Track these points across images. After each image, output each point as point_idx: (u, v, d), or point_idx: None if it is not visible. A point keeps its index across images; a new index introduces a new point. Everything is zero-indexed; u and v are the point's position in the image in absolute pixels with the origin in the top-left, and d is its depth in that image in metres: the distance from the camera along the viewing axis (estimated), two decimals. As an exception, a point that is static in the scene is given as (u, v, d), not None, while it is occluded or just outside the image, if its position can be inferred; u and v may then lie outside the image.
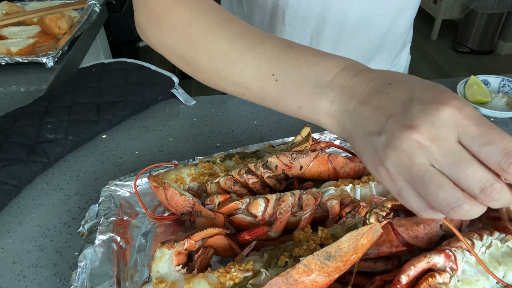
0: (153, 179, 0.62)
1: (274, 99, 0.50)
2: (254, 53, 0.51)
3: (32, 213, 0.71)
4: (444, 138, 0.36)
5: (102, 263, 0.56)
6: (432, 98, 0.37)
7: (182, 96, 0.99)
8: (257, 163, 0.62)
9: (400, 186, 0.39)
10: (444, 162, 0.36)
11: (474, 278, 0.48)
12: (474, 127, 0.36)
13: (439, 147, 0.36)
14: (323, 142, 0.67)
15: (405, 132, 0.37)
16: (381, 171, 0.40)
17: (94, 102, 0.91)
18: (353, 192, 0.60)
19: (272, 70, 0.49)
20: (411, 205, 0.39)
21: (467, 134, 0.36)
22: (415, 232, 0.52)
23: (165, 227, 0.64)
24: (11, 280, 0.60)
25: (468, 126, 0.36)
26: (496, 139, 0.35)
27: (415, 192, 0.38)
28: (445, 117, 0.36)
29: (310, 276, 0.44)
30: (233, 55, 0.52)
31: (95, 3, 1.45)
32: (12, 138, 0.82)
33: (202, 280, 0.47)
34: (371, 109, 0.41)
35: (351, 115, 0.43)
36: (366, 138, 0.41)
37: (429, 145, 0.36)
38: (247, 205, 0.58)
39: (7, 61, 1.15)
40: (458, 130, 0.36)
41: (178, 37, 0.56)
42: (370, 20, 0.85)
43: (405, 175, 0.38)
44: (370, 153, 0.41)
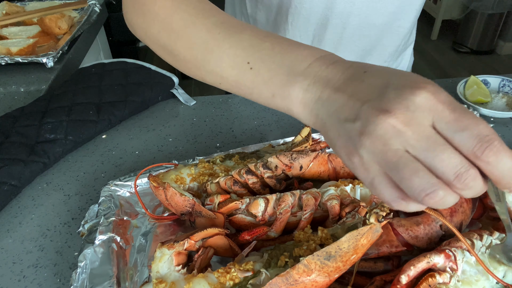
0: (153, 179, 0.62)
1: (248, 87, 0.50)
2: (231, 42, 0.51)
3: (32, 213, 0.71)
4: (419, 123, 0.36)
5: (102, 263, 0.56)
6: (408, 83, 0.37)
7: (182, 96, 0.99)
8: (257, 163, 0.62)
9: (373, 176, 0.38)
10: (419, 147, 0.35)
11: (474, 278, 0.48)
12: (448, 112, 0.35)
13: (414, 132, 0.35)
14: (323, 142, 0.67)
15: (380, 116, 0.36)
16: (354, 159, 0.39)
17: (94, 102, 0.91)
18: (353, 192, 0.60)
19: (248, 58, 0.49)
20: (383, 195, 0.38)
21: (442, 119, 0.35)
22: (415, 232, 0.52)
23: (165, 227, 0.64)
24: (11, 280, 0.60)
25: (443, 111, 0.35)
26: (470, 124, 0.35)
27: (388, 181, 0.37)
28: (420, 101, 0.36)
29: (310, 276, 0.44)
30: (211, 44, 0.52)
31: (95, 3, 1.45)
32: (12, 138, 0.82)
33: (202, 280, 0.47)
34: (346, 96, 0.40)
35: (325, 103, 0.42)
36: (340, 126, 0.40)
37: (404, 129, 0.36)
38: (247, 205, 0.58)
39: (7, 61, 1.15)
40: (433, 115, 0.36)
41: (160, 26, 0.57)
42: (372, 21, 0.85)
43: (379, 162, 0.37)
44: (344, 141, 0.39)
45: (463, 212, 0.54)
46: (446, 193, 0.35)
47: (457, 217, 0.53)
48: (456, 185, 0.35)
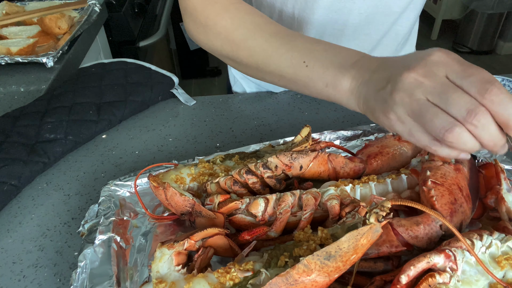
0: (153, 179, 0.62)
1: (304, 81, 0.61)
2: (287, 47, 0.62)
3: (32, 213, 0.71)
4: (435, 74, 0.45)
5: (102, 263, 0.56)
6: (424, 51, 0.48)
7: (182, 96, 0.99)
8: (257, 163, 0.62)
9: (409, 126, 0.47)
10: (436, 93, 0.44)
11: (474, 278, 0.48)
12: (458, 65, 0.45)
13: (431, 81, 0.45)
14: (323, 142, 0.67)
15: (404, 73, 0.46)
16: (391, 116, 0.48)
17: (94, 102, 0.91)
18: (353, 192, 0.60)
19: (303, 58, 0.60)
20: (421, 141, 0.47)
21: (453, 70, 0.44)
22: (415, 232, 0.52)
23: (165, 227, 0.64)
24: (11, 280, 0.60)
25: (453, 65, 0.45)
26: (475, 72, 0.43)
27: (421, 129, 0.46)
28: (435, 58, 0.46)
29: (310, 276, 0.44)
30: (269, 51, 0.63)
31: (95, 3, 1.45)
32: (12, 138, 0.82)
33: (202, 280, 0.47)
34: (380, 73, 0.51)
35: (366, 84, 0.53)
36: (377, 95, 0.50)
37: (423, 80, 0.45)
38: (247, 205, 0.58)
39: (7, 61, 1.15)
40: (446, 68, 0.45)
41: (223, 42, 0.68)
42: (372, 19, 0.85)
43: (409, 113, 0.46)
44: (380, 105, 0.50)
45: (463, 212, 0.54)
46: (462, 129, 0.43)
47: (457, 217, 0.53)
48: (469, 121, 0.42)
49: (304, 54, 0.60)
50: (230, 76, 1.13)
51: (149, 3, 2.14)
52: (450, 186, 0.55)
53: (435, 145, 0.46)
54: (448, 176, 0.56)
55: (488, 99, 0.41)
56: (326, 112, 0.92)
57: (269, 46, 0.63)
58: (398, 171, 0.64)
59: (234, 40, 0.66)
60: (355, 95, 0.55)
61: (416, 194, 0.59)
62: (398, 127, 0.48)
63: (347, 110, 0.92)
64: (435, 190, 0.54)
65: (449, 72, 0.44)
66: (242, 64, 0.69)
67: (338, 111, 0.92)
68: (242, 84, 1.09)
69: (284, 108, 0.94)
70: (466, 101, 0.42)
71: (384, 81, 0.49)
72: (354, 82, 0.54)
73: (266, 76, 0.67)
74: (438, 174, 0.56)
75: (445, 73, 0.44)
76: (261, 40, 0.64)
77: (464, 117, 0.42)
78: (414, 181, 0.61)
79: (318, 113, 0.92)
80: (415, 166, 0.63)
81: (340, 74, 0.56)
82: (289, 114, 0.92)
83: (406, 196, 0.59)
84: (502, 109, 0.41)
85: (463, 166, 0.60)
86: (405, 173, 0.62)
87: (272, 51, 0.63)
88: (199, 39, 0.73)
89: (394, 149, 0.66)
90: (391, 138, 0.68)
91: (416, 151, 0.67)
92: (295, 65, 0.60)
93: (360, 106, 0.54)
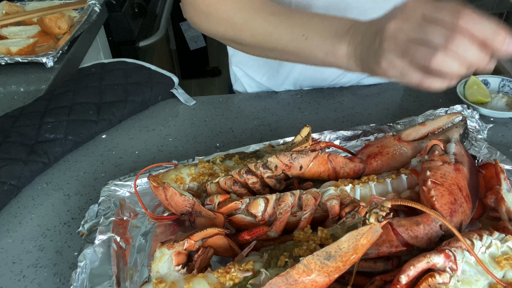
0: (153, 179, 0.62)
1: (305, 53, 0.66)
2: (286, 24, 0.67)
3: (32, 213, 0.71)
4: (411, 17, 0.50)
5: (102, 263, 0.56)
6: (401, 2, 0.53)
7: (182, 96, 0.99)
8: (257, 163, 0.62)
9: (400, 68, 0.52)
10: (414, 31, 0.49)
11: (474, 278, 0.48)
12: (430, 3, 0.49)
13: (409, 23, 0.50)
14: (323, 142, 0.67)
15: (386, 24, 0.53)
16: (383, 63, 0.54)
17: (94, 102, 0.91)
18: (352, 192, 0.60)
19: (302, 31, 0.65)
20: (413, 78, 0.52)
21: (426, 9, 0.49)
22: (414, 232, 0.52)
23: (165, 227, 0.64)
24: (11, 280, 0.60)
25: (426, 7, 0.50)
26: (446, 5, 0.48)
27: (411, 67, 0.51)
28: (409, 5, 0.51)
29: (310, 276, 0.44)
30: (270, 29, 0.68)
31: (95, 3, 1.45)
32: (12, 138, 0.82)
33: (202, 280, 0.47)
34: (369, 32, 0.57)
35: (360, 44, 0.59)
36: (369, 50, 0.56)
37: (403, 24, 0.51)
38: (247, 205, 0.58)
39: (7, 61, 1.15)
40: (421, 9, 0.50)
41: (226, 27, 0.73)
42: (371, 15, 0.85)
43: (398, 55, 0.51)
44: (373, 56, 0.55)
45: (463, 212, 0.54)
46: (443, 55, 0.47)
47: (457, 217, 0.53)
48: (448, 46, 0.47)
49: (303, 28, 0.65)
50: (231, 75, 1.13)
51: (149, 3, 2.14)
52: (450, 186, 0.55)
53: (427, 79, 0.51)
54: (448, 176, 0.56)
55: (462, 23, 0.45)
56: (326, 112, 0.92)
57: (269, 24, 0.68)
58: (398, 171, 0.64)
59: (236, 23, 0.71)
60: (352, 58, 0.60)
61: (416, 194, 0.59)
62: (391, 72, 0.54)
63: (347, 110, 0.92)
64: (435, 190, 0.54)
65: (424, 11, 0.49)
66: (245, 45, 0.73)
67: (338, 111, 0.92)
68: (243, 82, 1.09)
69: (284, 108, 0.94)
70: (442, 30, 0.47)
71: (373, 36, 0.56)
72: (350, 46, 0.60)
73: (270, 53, 0.72)
74: (438, 174, 0.56)
75: (421, 13, 0.49)
76: (261, 20, 0.69)
77: (443, 44, 0.47)
78: (414, 181, 0.61)
79: (318, 113, 0.92)
80: (415, 166, 0.63)
81: (337, 42, 0.61)
82: (289, 114, 0.92)
83: (406, 196, 0.59)
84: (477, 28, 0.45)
85: (463, 166, 0.60)
86: (405, 173, 0.62)
87: (272, 29, 0.67)
88: (202, 26, 0.77)
89: (394, 149, 0.66)
90: (391, 138, 0.68)
91: (416, 151, 0.67)
92: (296, 39, 0.65)
93: (359, 65, 0.60)
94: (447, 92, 0.96)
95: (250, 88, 1.09)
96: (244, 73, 1.07)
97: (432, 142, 0.63)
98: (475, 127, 0.77)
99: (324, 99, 0.96)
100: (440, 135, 0.69)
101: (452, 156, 0.61)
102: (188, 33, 3.06)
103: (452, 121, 0.71)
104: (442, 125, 0.71)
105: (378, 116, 0.90)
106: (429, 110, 0.80)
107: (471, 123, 0.77)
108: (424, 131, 0.70)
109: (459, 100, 0.88)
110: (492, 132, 0.81)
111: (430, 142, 0.64)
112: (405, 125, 0.78)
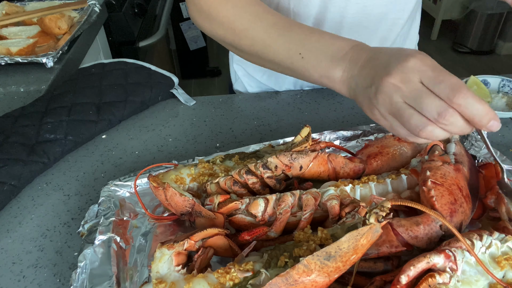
0: (153, 179, 0.62)
1: (300, 71, 0.66)
2: (284, 39, 0.67)
3: (32, 213, 0.71)
4: (410, 80, 0.50)
5: (102, 263, 0.56)
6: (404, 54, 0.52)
7: (182, 96, 0.99)
8: (257, 163, 0.62)
9: (390, 121, 0.54)
10: (411, 97, 0.50)
11: (474, 278, 0.48)
12: (431, 71, 0.50)
13: (407, 86, 0.50)
14: (323, 142, 0.67)
15: (383, 78, 0.52)
16: (375, 113, 0.55)
17: (94, 102, 0.91)
18: (353, 192, 0.60)
19: (299, 50, 0.65)
20: (401, 134, 0.54)
21: (426, 76, 0.50)
22: (414, 233, 0.52)
23: (165, 227, 0.64)
24: (10, 280, 0.60)
25: (427, 71, 0.50)
26: (445, 78, 0.49)
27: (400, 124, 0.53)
28: (411, 65, 0.51)
29: (310, 276, 0.44)
30: (268, 41, 0.68)
31: (95, 3, 1.45)
32: (12, 138, 0.82)
33: (202, 280, 0.47)
34: (366, 71, 0.56)
35: (355, 78, 0.58)
36: (364, 92, 0.56)
37: (400, 85, 0.51)
38: (247, 205, 0.58)
39: (7, 61, 1.14)
40: (420, 74, 0.50)
41: (225, 31, 0.73)
42: (369, 10, 0.86)
43: (390, 111, 0.53)
44: (367, 102, 0.56)
45: (463, 212, 0.54)
46: (434, 127, 0.50)
47: (457, 217, 0.53)
48: (440, 121, 0.49)
49: (300, 45, 0.65)
50: (232, 74, 1.13)
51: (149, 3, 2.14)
52: (450, 186, 0.55)
53: (413, 137, 0.53)
54: (448, 176, 0.56)
55: (455, 102, 0.48)
56: (326, 112, 0.92)
57: (268, 37, 0.68)
58: (398, 171, 0.64)
59: (236, 29, 0.71)
60: (346, 85, 0.61)
61: (416, 194, 0.59)
62: (381, 122, 0.56)
63: (347, 110, 0.92)
64: (435, 190, 0.54)
65: (423, 78, 0.50)
66: (244, 52, 0.74)
67: (338, 111, 0.92)
68: (243, 81, 1.09)
69: (284, 108, 0.94)
70: (437, 105, 0.48)
71: (369, 80, 0.55)
72: (345, 73, 0.60)
73: (266, 64, 0.73)
74: (438, 174, 0.56)
75: (420, 78, 0.50)
76: (261, 30, 0.69)
77: (436, 118, 0.49)
78: (414, 181, 0.61)
79: (318, 113, 0.92)
80: (415, 166, 0.63)
81: (332, 66, 0.61)
82: (289, 114, 0.92)
83: (406, 196, 0.59)
84: (467, 110, 0.48)
85: (463, 166, 0.60)
86: (405, 173, 0.62)
87: (270, 42, 0.68)
88: (204, 26, 0.77)
89: (394, 149, 0.66)
90: (391, 138, 0.68)
91: (416, 151, 0.67)
92: (292, 57, 0.66)
93: (352, 97, 0.61)
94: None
95: (250, 88, 1.09)
96: (244, 72, 1.07)
97: (432, 142, 0.63)
98: (475, 127, 0.77)
99: (324, 99, 0.96)
100: (440, 135, 0.69)
101: (452, 156, 0.61)
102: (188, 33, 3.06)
103: (452, 121, 0.71)
104: (442, 125, 0.71)
105: (378, 116, 0.90)
106: (429, 110, 0.80)
107: (471, 123, 0.77)
108: (424, 131, 0.70)
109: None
110: (492, 132, 0.81)
111: (430, 142, 0.64)
112: (405, 125, 0.78)
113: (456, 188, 0.55)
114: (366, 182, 0.61)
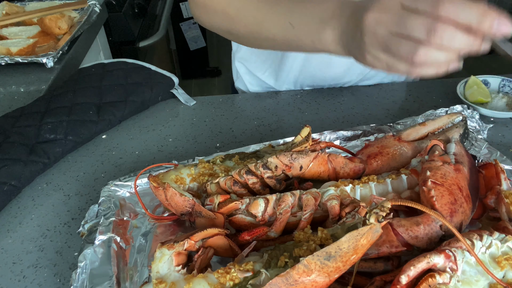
0: (153, 180, 0.62)
1: (295, 42, 0.65)
2: (273, 12, 0.67)
3: (32, 214, 0.71)
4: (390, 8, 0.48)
5: (102, 263, 0.56)
6: None
7: (182, 96, 0.99)
8: (257, 163, 0.62)
9: (384, 60, 0.51)
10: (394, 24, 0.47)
11: (474, 279, 0.48)
12: None
13: (388, 16, 0.48)
14: (323, 142, 0.67)
15: (364, 16, 0.50)
16: (368, 57, 0.52)
17: (94, 102, 0.91)
18: (353, 192, 0.60)
19: (288, 19, 0.64)
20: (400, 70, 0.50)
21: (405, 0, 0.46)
22: (415, 233, 0.52)
23: (165, 227, 0.64)
24: (11, 280, 0.60)
25: None
26: None
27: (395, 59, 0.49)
28: None
29: (310, 276, 0.44)
30: (260, 18, 0.69)
31: (95, 3, 1.45)
32: (12, 138, 0.82)
33: (202, 280, 0.47)
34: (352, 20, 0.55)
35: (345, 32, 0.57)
36: (353, 42, 0.55)
37: (381, 16, 0.48)
38: (247, 206, 0.58)
39: (7, 61, 1.14)
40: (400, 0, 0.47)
41: (221, 18, 0.75)
42: None
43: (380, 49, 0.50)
44: (358, 49, 0.54)
45: (463, 212, 0.54)
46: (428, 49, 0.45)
47: (457, 217, 0.53)
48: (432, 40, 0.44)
49: (288, 15, 0.64)
50: (233, 71, 1.13)
51: (149, 3, 2.14)
52: (450, 186, 0.55)
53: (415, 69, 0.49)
54: (448, 176, 0.56)
55: (443, 11, 0.43)
56: (326, 112, 0.92)
57: (259, 13, 0.69)
58: (398, 171, 0.64)
59: (230, 14, 0.73)
60: (340, 44, 0.59)
61: (416, 194, 0.59)
62: (377, 65, 0.53)
63: (347, 110, 0.92)
64: (435, 190, 0.54)
65: (402, 2, 0.47)
66: (240, 36, 0.75)
67: (338, 111, 0.92)
68: (244, 80, 1.09)
69: (284, 108, 0.94)
70: (422, 22, 0.44)
71: (355, 28, 0.53)
72: (335, 32, 0.58)
73: (263, 43, 0.73)
74: (438, 174, 0.56)
75: (399, 4, 0.47)
76: (253, 9, 0.70)
77: (426, 37, 0.44)
78: (414, 181, 0.61)
79: (318, 113, 0.92)
80: (415, 166, 0.63)
81: (322, 29, 0.60)
82: (289, 114, 0.92)
83: (406, 196, 0.59)
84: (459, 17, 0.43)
85: (463, 166, 0.60)
86: (405, 173, 0.62)
87: (262, 18, 0.68)
88: (203, 19, 0.80)
89: (394, 149, 0.66)
90: (391, 138, 0.68)
91: (416, 151, 0.67)
92: (284, 28, 0.65)
93: (347, 53, 0.59)
94: (447, 92, 0.96)
95: (251, 86, 1.09)
96: (246, 70, 1.07)
97: (432, 142, 0.63)
98: (475, 127, 0.77)
99: (324, 99, 0.96)
100: (440, 135, 0.69)
101: (452, 156, 0.61)
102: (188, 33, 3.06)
103: (452, 121, 0.71)
104: (442, 125, 0.71)
105: (378, 116, 0.90)
106: (429, 110, 0.80)
107: (471, 123, 0.77)
108: (424, 131, 0.70)
109: (459, 100, 0.88)
110: (492, 132, 0.81)
111: (430, 142, 0.64)
112: (405, 125, 0.78)
113: (456, 188, 0.55)
114: (366, 182, 0.61)
